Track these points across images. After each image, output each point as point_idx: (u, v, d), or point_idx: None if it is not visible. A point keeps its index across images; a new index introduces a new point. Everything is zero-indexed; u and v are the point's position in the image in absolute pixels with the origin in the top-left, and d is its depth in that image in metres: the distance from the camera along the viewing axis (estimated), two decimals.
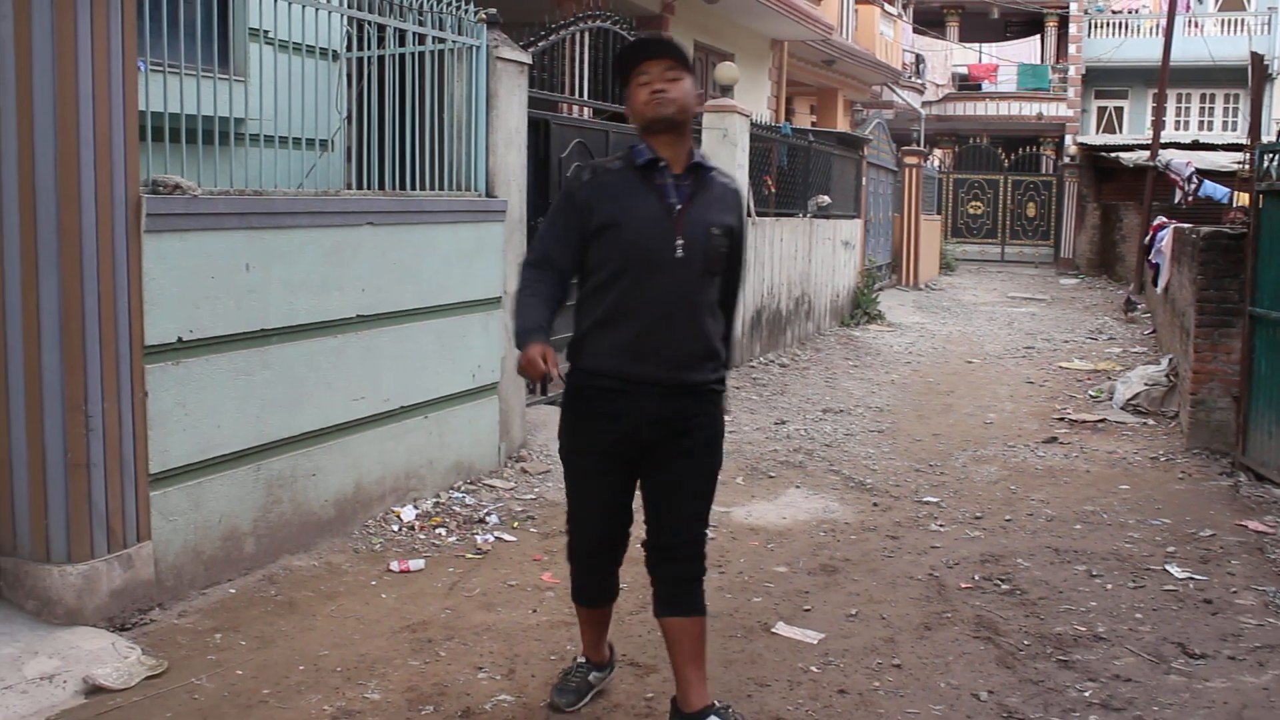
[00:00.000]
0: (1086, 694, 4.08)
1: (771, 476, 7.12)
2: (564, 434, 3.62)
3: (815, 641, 4.52)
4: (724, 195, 3.57)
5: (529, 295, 3.48)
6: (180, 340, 4.61)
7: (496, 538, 5.67)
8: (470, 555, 5.45)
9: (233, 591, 4.83)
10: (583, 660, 3.96)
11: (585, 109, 9.04)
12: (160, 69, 4.66)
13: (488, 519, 5.93)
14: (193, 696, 3.90)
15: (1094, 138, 30.32)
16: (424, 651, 4.33)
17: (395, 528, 5.72)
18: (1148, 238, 16.22)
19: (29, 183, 4.09)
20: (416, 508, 5.96)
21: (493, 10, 6.55)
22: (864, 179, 17.24)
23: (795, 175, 13.33)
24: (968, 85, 34.28)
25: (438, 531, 5.73)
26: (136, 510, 4.45)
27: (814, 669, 4.26)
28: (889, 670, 4.27)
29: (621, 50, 3.47)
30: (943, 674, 4.24)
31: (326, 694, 3.94)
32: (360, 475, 5.67)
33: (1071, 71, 32.10)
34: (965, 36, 35.35)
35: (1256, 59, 14.55)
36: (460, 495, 6.27)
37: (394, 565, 5.23)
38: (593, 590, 3.77)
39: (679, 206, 3.43)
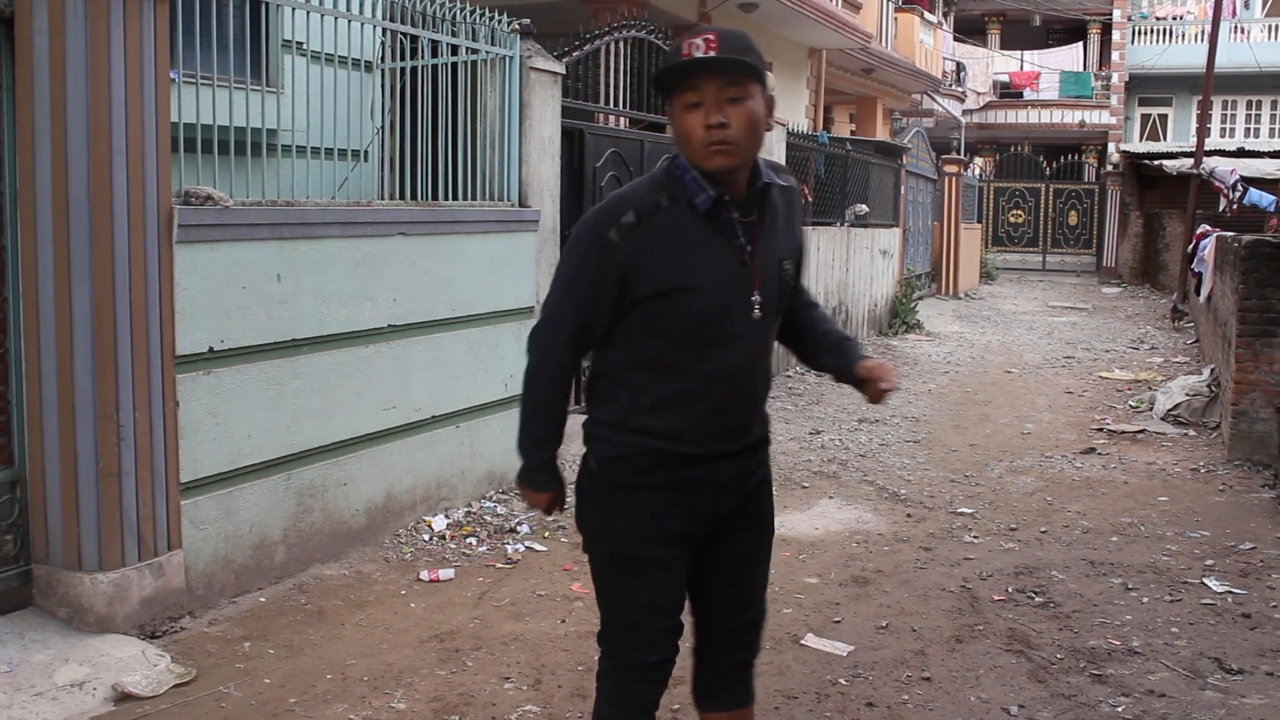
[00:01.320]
0: (1119, 709, 4.02)
1: (805, 487, 7.08)
2: (605, 518, 2.75)
3: (844, 654, 4.49)
4: (789, 207, 2.79)
5: (544, 396, 2.79)
6: (211, 350, 4.65)
7: (527, 547, 5.67)
8: (500, 565, 5.45)
9: (263, 600, 4.85)
10: None
11: (621, 119, 9.05)
12: (194, 81, 4.70)
13: (519, 528, 5.93)
14: (220, 705, 3.92)
15: (1137, 145, 30.00)
16: (451, 661, 4.33)
17: (426, 537, 5.73)
18: (1191, 246, 16.04)
19: (62, 193, 4.14)
20: (448, 517, 5.98)
21: (526, 21, 6.57)
22: (903, 187, 17.15)
23: (833, 184, 13.29)
24: (1009, 93, 34.01)
25: (468, 541, 5.74)
26: (167, 519, 4.48)
27: (842, 681, 4.22)
28: (918, 683, 4.23)
29: (665, 64, 2.55)
30: (973, 687, 4.20)
31: (353, 703, 3.95)
32: (391, 484, 5.69)
33: (1114, 79, 31.80)
34: (1006, 44, 35.10)
35: None
36: (491, 505, 6.27)
37: (424, 574, 5.24)
38: None
39: (749, 248, 2.65)
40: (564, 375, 2.76)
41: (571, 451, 2.94)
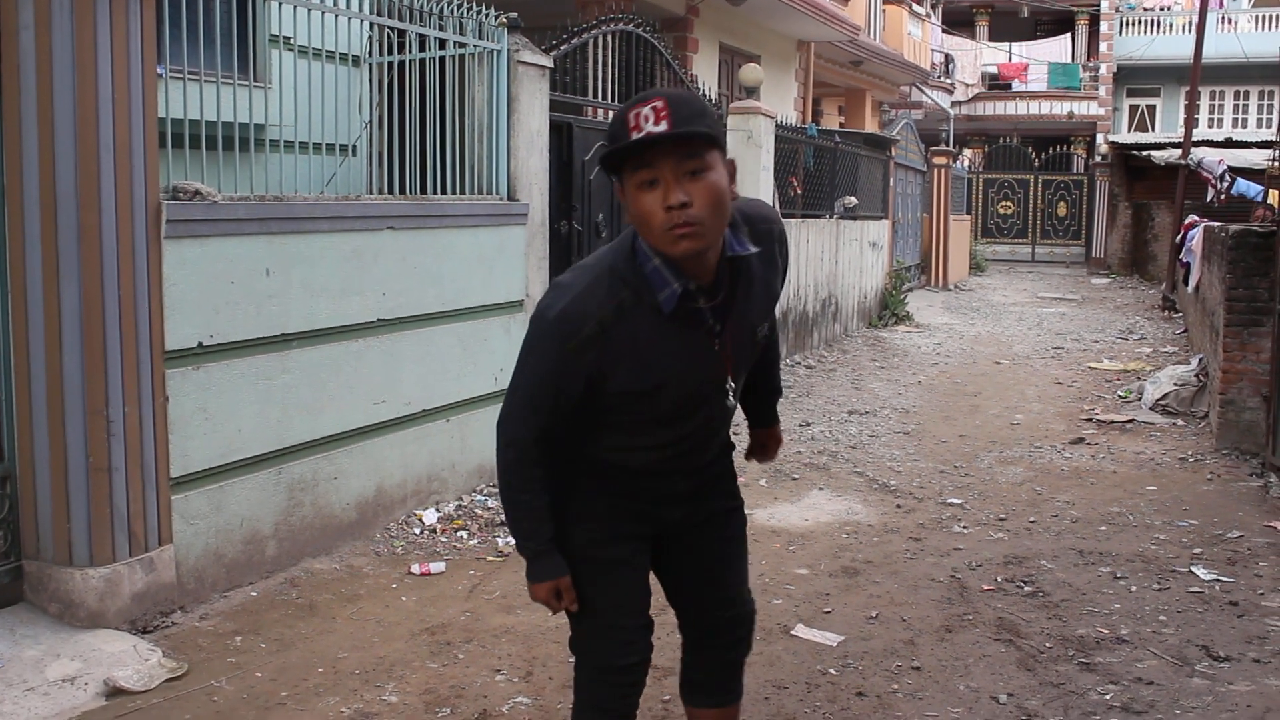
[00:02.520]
0: (1108, 697, 4.04)
1: (795, 478, 7.10)
2: (562, 525, 2.68)
3: (834, 644, 4.50)
4: (766, 263, 2.58)
5: (522, 492, 2.62)
6: (201, 345, 4.65)
7: None
8: (491, 558, 5.47)
9: (254, 594, 4.86)
10: None
11: (609, 112, 9.05)
12: (181, 76, 4.69)
13: None
14: (212, 699, 3.93)
15: (1125, 136, 30.08)
16: (442, 654, 4.34)
17: (417, 530, 5.74)
18: (1179, 237, 16.10)
19: (50, 189, 4.14)
20: (438, 510, 5.98)
21: (513, 14, 6.57)
22: (891, 180, 17.17)
23: (822, 176, 13.30)
24: (997, 85, 34.07)
25: (459, 534, 5.75)
26: (158, 514, 4.48)
27: (832, 671, 4.24)
28: (908, 673, 4.25)
29: (612, 138, 2.31)
30: (962, 676, 4.22)
31: (344, 696, 3.96)
32: (382, 478, 5.69)
33: (1103, 70, 31.87)
34: (995, 36, 35.16)
35: None
36: (482, 498, 6.28)
37: (415, 568, 5.25)
38: None
39: (719, 329, 2.50)
40: (537, 468, 2.61)
41: None
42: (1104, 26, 31.81)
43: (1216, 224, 11.53)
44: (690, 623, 2.93)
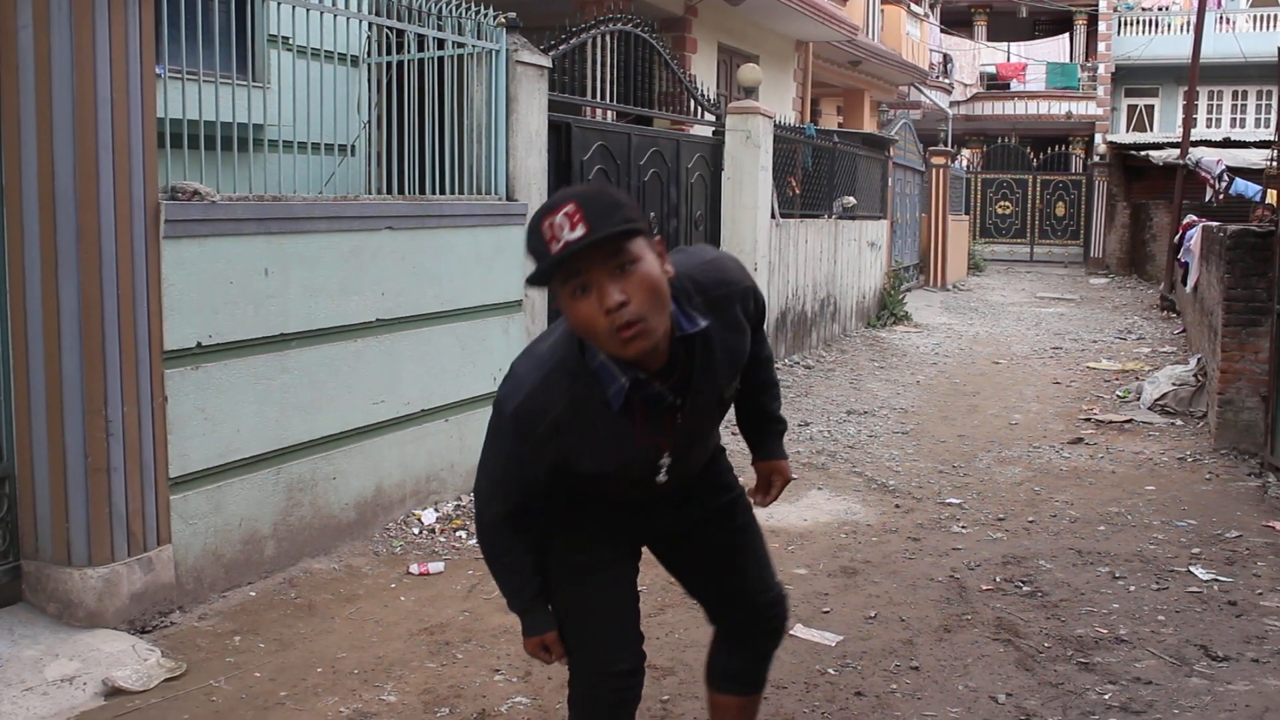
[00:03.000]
0: (1106, 697, 4.05)
1: (794, 478, 7.07)
2: (553, 533, 2.72)
3: (833, 644, 4.51)
4: (728, 323, 2.51)
5: (506, 558, 2.68)
6: (199, 345, 4.65)
7: None
8: None
9: (253, 594, 4.86)
10: None
11: (608, 112, 9.05)
12: (180, 76, 4.69)
13: None
14: (210, 699, 3.93)
15: (1124, 136, 30.10)
16: (441, 654, 4.34)
17: (416, 530, 5.74)
18: (1177, 237, 16.10)
19: (49, 189, 4.14)
20: (437, 510, 5.98)
21: (512, 14, 6.57)
22: (890, 180, 17.17)
23: (820, 176, 13.30)
24: (996, 85, 34.07)
25: (458, 534, 5.75)
26: (156, 514, 4.48)
27: (831, 671, 4.24)
28: (907, 672, 4.25)
29: (532, 256, 2.23)
30: (961, 676, 4.22)
31: (343, 696, 3.96)
32: (381, 478, 5.69)
33: (1101, 70, 31.86)
34: (993, 36, 35.16)
35: None
36: None
37: (414, 568, 5.25)
38: None
39: (680, 403, 2.47)
40: (515, 537, 2.64)
41: None
42: (1102, 26, 31.81)
43: (1215, 224, 11.53)
44: (719, 615, 2.92)
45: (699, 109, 10.14)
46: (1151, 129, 32.00)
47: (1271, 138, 21.70)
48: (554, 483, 2.60)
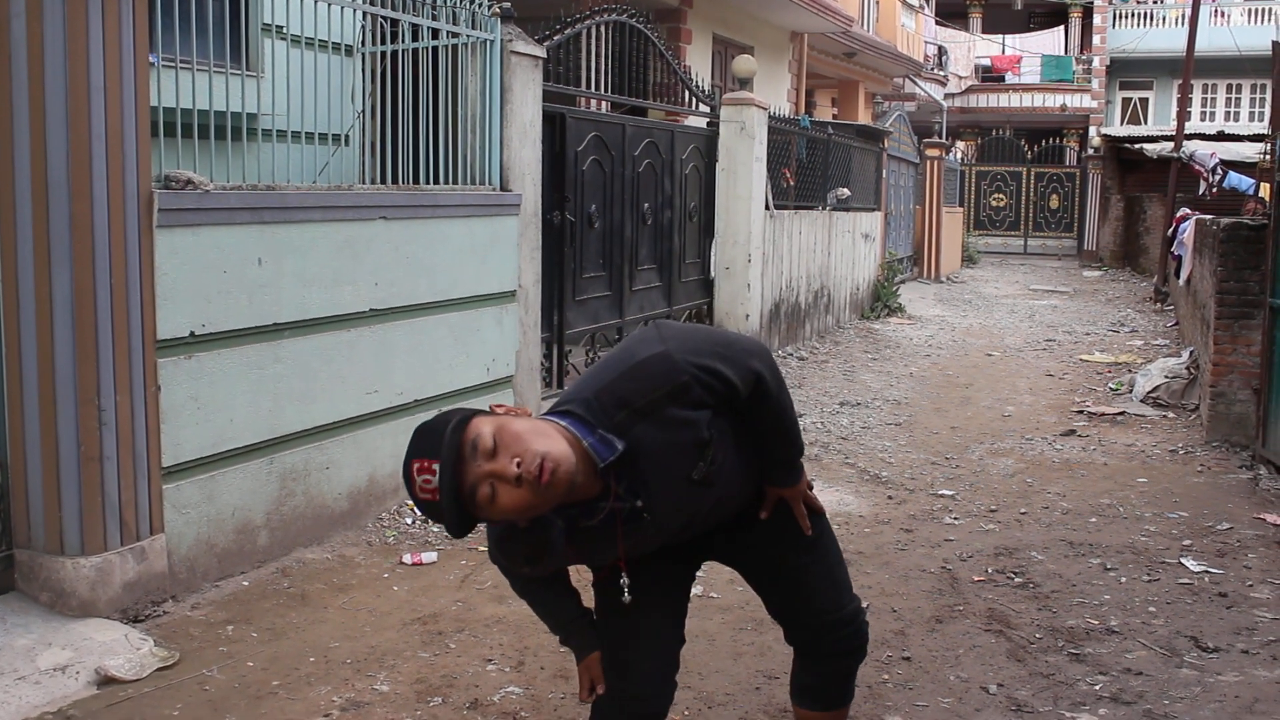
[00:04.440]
0: (1097, 687, 4.06)
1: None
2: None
3: None
4: (669, 424, 2.45)
5: (530, 598, 2.90)
6: (193, 334, 4.64)
7: None
8: (483, 548, 5.46)
9: (245, 584, 4.86)
10: None
11: (602, 103, 9.05)
12: (173, 65, 4.68)
13: None
14: (203, 687, 3.93)
15: (1118, 129, 30.11)
16: (434, 644, 4.35)
17: (409, 520, 5.75)
18: (1171, 230, 16.12)
19: (41, 178, 4.13)
20: None
21: (507, 4, 6.56)
22: (884, 171, 17.18)
23: (814, 168, 13.30)
24: (991, 77, 34.07)
25: None
26: (149, 503, 4.48)
27: None
28: (898, 663, 4.26)
29: (429, 511, 2.30)
30: (953, 667, 4.23)
31: (336, 685, 3.96)
32: (374, 468, 5.69)
33: (1095, 63, 31.87)
34: (988, 28, 35.15)
35: (1278, 49, 14.40)
36: None
37: (407, 558, 5.25)
38: None
39: (639, 504, 2.48)
40: (535, 589, 2.87)
41: None
42: (1097, 19, 31.81)
43: (1208, 217, 11.55)
44: (790, 632, 2.92)
45: (694, 100, 10.13)
46: (1146, 122, 32.02)
47: (1265, 131, 21.74)
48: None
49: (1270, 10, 30.21)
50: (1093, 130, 30.86)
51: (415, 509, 2.15)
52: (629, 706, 2.71)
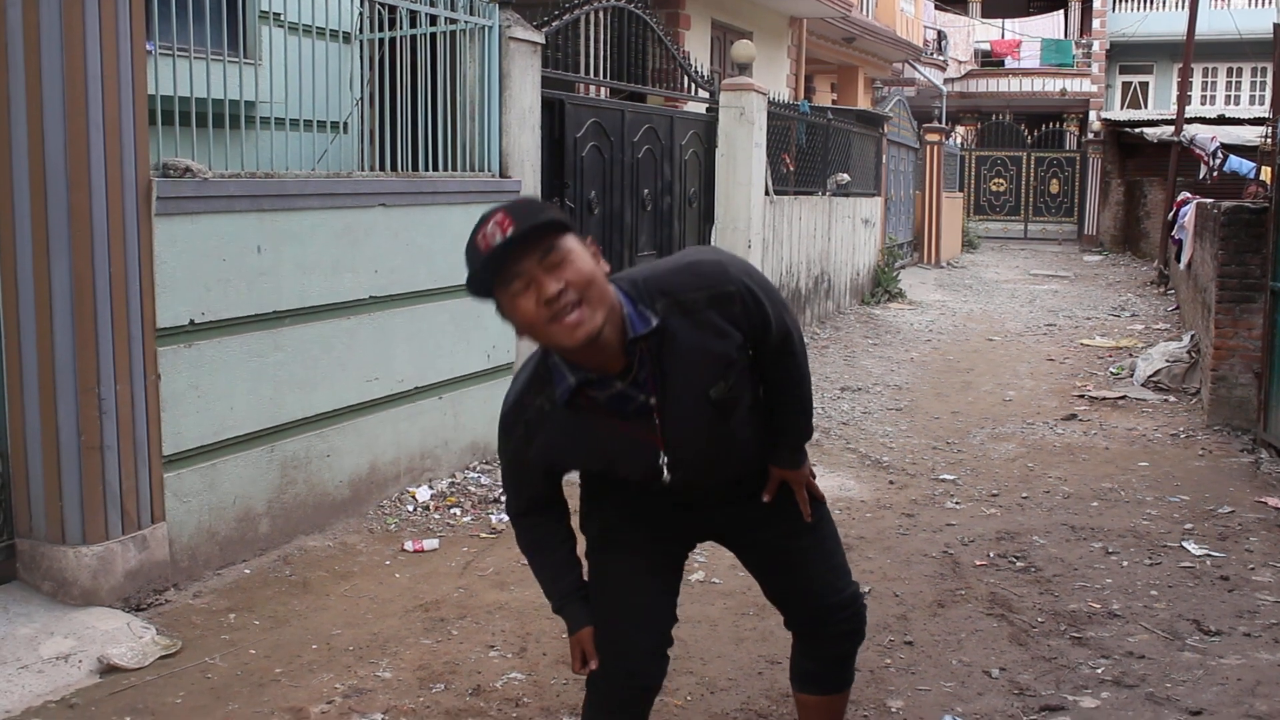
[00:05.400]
0: (1099, 671, 4.06)
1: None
2: (585, 509, 2.82)
3: None
4: (702, 326, 2.48)
5: (535, 557, 2.80)
6: (192, 322, 4.64)
7: None
8: (484, 535, 5.47)
9: (247, 572, 4.86)
10: None
11: (601, 89, 9.02)
12: (171, 53, 4.67)
13: (502, 498, 5.93)
14: (206, 675, 3.93)
15: (1118, 113, 30.04)
16: (436, 630, 4.35)
17: (410, 508, 5.75)
18: (1172, 214, 16.09)
19: (39, 166, 4.12)
20: (431, 488, 5.99)
21: None
22: (884, 157, 17.15)
23: (814, 153, 13.27)
24: (990, 61, 33.96)
25: (452, 511, 5.75)
26: (150, 492, 4.48)
27: None
28: (900, 647, 4.26)
29: (471, 267, 2.33)
30: (955, 651, 4.24)
31: (338, 672, 3.97)
32: (375, 456, 5.69)
33: (1096, 47, 31.75)
34: (988, 12, 35.00)
35: (1279, 31, 14.35)
36: (475, 475, 6.28)
37: (408, 545, 5.25)
38: None
39: (651, 402, 2.49)
40: (538, 531, 2.77)
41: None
42: (1097, 3, 31.67)
43: (1209, 201, 11.53)
44: (789, 617, 2.94)
45: (693, 86, 10.11)
46: (1146, 106, 31.93)
47: (1266, 114, 21.68)
48: (556, 484, 2.70)
49: None
50: (1093, 114, 30.76)
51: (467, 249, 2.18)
52: (623, 682, 2.72)
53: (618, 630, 2.71)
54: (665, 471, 2.56)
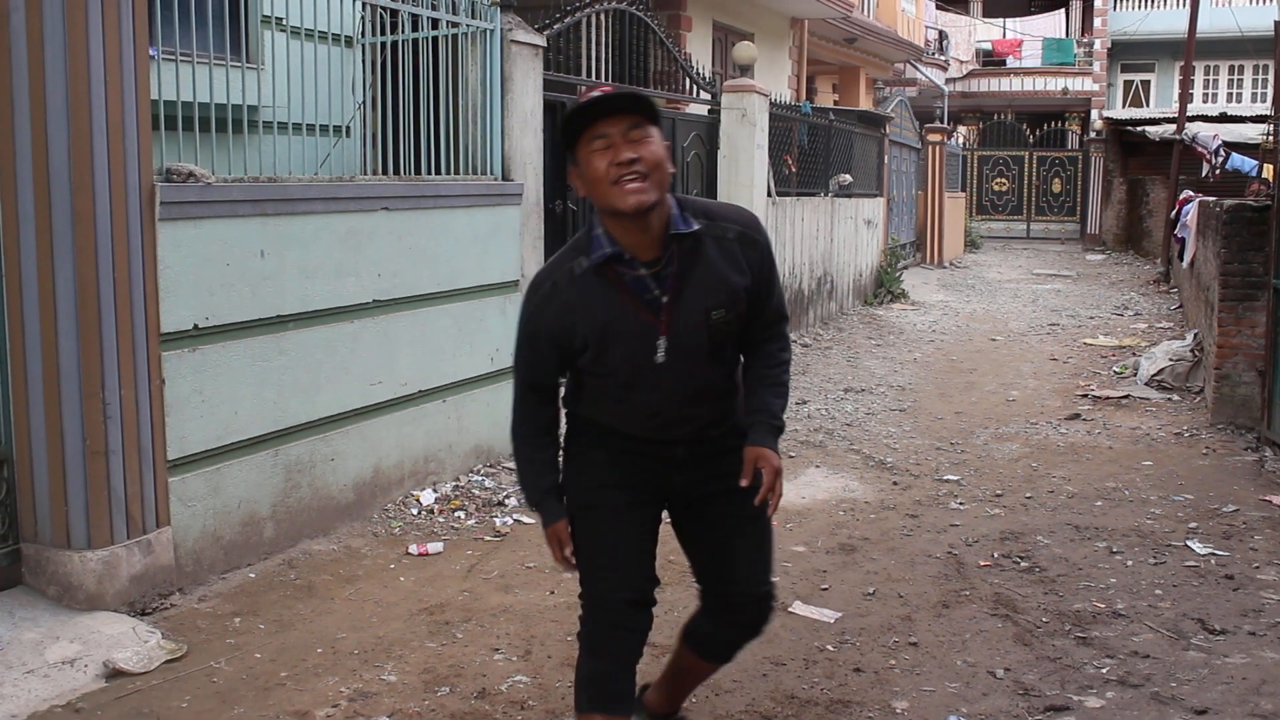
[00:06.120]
0: (1104, 670, 4.06)
1: (791, 456, 7.10)
2: (570, 475, 3.01)
3: (832, 620, 4.52)
4: (725, 255, 2.80)
5: (524, 449, 2.99)
6: (196, 327, 4.64)
7: (515, 520, 5.69)
8: (489, 538, 5.48)
9: (252, 576, 4.87)
10: None
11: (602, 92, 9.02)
12: (174, 58, 4.68)
13: (506, 501, 5.95)
14: (211, 679, 3.94)
15: (1120, 112, 30.03)
16: (441, 633, 4.35)
17: (414, 511, 5.75)
18: (1174, 212, 16.09)
19: (43, 172, 4.12)
20: (435, 491, 5.99)
21: None
22: (886, 157, 17.15)
23: (816, 154, 13.28)
24: (992, 61, 33.92)
25: (456, 514, 5.76)
26: (155, 496, 4.48)
27: (830, 648, 4.26)
28: (905, 648, 4.27)
29: (571, 110, 2.66)
30: (959, 652, 4.24)
31: (343, 676, 3.97)
32: (379, 459, 5.70)
33: (1097, 45, 31.73)
34: (989, 11, 34.98)
35: None
36: (479, 478, 6.29)
37: (413, 548, 5.26)
38: (617, 683, 2.94)
39: (664, 299, 2.75)
40: (532, 423, 2.99)
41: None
42: (1098, 2, 31.66)
43: (1211, 199, 11.52)
44: (706, 592, 3.12)
45: (694, 88, 10.11)
46: (1148, 104, 31.91)
47: (1268, 112, 21.66)
48: (571, 374, 2.94)
49: None
50: (1095, 113, 30.75)
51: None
52: (615, 598, 2.90)
53: (608, 554, 2.92)
54: (660, 353, 2.77)
